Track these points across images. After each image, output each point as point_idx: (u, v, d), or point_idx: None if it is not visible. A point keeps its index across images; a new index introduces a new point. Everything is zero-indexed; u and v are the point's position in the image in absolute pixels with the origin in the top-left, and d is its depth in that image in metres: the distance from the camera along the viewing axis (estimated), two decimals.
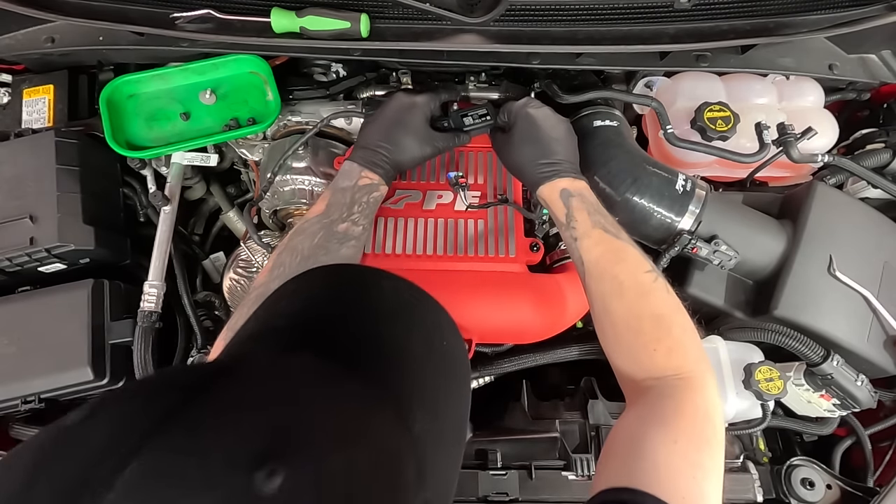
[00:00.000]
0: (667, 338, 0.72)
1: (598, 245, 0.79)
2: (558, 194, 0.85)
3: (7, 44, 1.10)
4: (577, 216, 0.82)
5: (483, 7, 0.94)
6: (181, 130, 1.07)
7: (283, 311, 0.50)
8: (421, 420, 0.42)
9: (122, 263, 1.13)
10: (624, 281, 0.76)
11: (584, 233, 0.81)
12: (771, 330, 0.91)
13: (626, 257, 0.78)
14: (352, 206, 0.86)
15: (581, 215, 0.82)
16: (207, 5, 0.96)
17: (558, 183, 0.85)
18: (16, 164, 1.04)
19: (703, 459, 0.62)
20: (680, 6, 0.95)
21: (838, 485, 0.95)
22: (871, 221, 1.02)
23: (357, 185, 0.88)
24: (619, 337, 0.75)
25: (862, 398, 0.90)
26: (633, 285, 0.76)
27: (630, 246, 0.79)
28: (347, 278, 0.54)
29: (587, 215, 0.82)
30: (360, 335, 0.46)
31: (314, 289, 0.52)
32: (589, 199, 0.84)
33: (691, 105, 1.04)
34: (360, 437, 0.38)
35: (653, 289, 0.76)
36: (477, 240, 0.97)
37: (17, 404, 0.97)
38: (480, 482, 0.92)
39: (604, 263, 0.78)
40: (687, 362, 0.70)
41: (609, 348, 0.77)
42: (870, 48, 1.11)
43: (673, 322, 0.74)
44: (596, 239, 0.80)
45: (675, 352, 0.71)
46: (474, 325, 0.94)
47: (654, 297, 0.75)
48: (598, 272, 0.78)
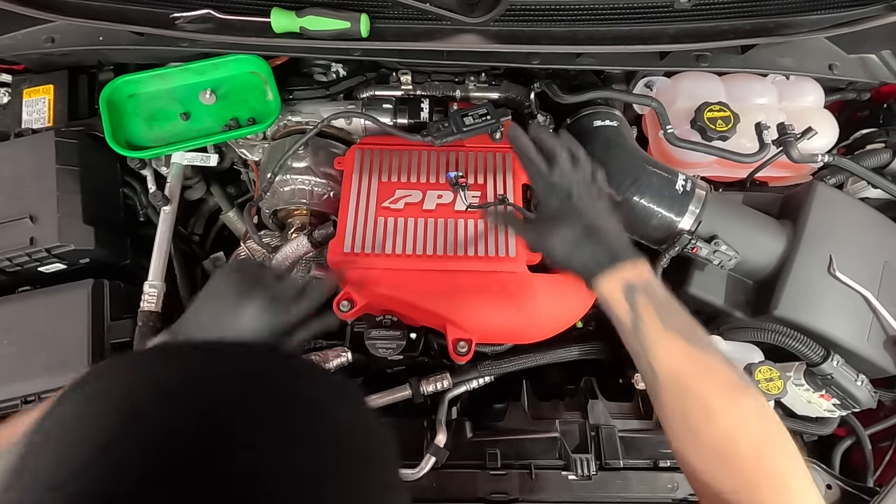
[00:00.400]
0: (772, 477, 0.59)
1: (674, 356, 0.66)
2: (621, 290, 0.70)
3: (7, 44, 1.10)
4: (645, 317, 0.68)
5: (483, 7, 0.94)
6: (181, 130, 1.07)
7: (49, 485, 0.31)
8: None
9: (122, 263, 1.13)
10: (712, 403, 0.63)
11: (655, 340, 0.67)
12: (771, 330, 0.91)
13: (711, 373, 0.65)
14: None
15: (649, 315, 0.68)
16: (207, 5, 0.96)
17: (619, 274, 0.71)
18: (16, 164, 1.04)
19: None
20: (680, 6, 0.95)
21: (838, 485, 0.95)
22: (871, 221, 1.02)
23: None
24: (708, 470, 0.62)
25: (862, 398, 0.90)
26: (723, 408, 0.62)
27: (712, 354, 0.66)
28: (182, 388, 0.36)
29: (656, 316, 0.67)
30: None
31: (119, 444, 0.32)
32: (657, 294, 0.69)
33: (691, 105, 1.04)
34: None
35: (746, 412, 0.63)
36: (477, 240, 0.97)
37: (17, 404, 0.97)
38: (480, 482, 0.92)
39: (684, 378, 0.65)
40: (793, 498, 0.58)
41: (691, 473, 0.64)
42: (870, 48, 1.11)
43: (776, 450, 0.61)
44: (670, 348, 0.66)
45: (782, 493, 0.59)
46: (474, 325, 0.94)
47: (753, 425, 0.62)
48: (676, 388, 0.65)
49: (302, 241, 1.01)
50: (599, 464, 0.94)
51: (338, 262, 0.95)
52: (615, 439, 0.96)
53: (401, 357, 0.98)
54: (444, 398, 0.98)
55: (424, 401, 1.00)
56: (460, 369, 0.99)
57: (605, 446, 0.95)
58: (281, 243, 1.04)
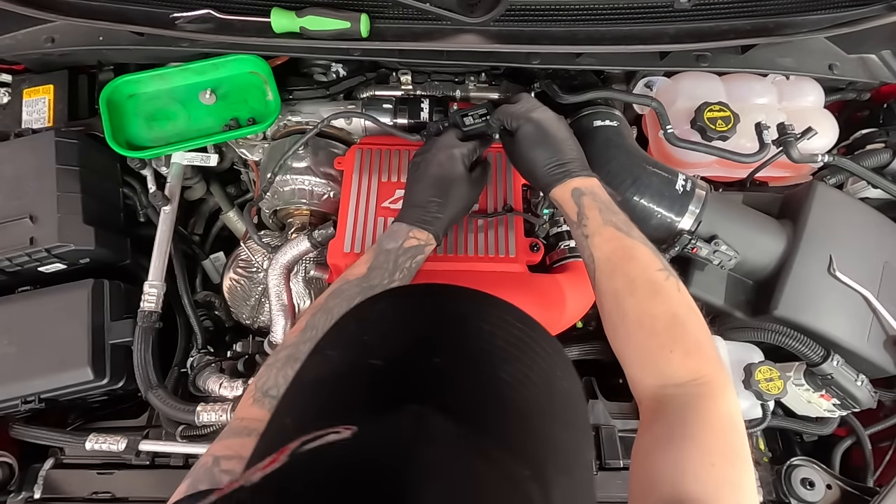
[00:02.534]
0: (683, 338, 0.69)
1: (609, 242, 0.77)
2: (570, 194, 0.83)
3: (7, 44, 1.10)
4: (589, 214, 0.80)
5: (483, 7, 0.94)
6: (181, 130, 1.07)
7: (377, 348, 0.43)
8: (557, 483, 0.38)
9: (122, 263, 1.13)
10: (636, 278, 0.74)
11: (595, 230, 0.79)
12: (771, 330, 0.91)
13: (638, 255, 0.76)
14: (394, 271, 0.82)
15: (592, 213, 0.80)
16: (207, 5, 0.96)
17: (570, 183, 0.84)
18: (16, 164, 1.04)
19: (741, 477, 0.59)
20: (680, 6, 0.95)
21: (838, 485, 0.95)
22: (871, 221, 1.02)
23: (402, 248, 0.84)
24: (631, 337, 0.72)
25: (862, 398, 0.90)
26: (645, 282, 0.73)
27: (642, 244, 0.77)
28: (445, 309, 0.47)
29: (598, 213, 0.80)
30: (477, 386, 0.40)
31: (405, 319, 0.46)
32: (601, 197, 0.82)
33: (691, 105, 1.04)
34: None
35: (665, 287, 0.73)
36: (477, 240, 0.97)
37: (17, 404, 0.97)
38: None
39: (615, 260, 0.76)
40: (706, 365, 0.67)
41: (621, 350, 0.73)
42: (870, 48, 1.11)
43: (688, 321, 0.70)
44: (607, 236, 0.78)
45: (693, 354, 0.67)
46: None
47: (667, 296, 0.72)
48: (609, 269, 0.76)
49: (302, 241, 1.01)
50: (599, 464, 0.94)
51: (338, 262, 0.95)
52: (615, 439, 0.96)
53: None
54: None
55: None
56: None
57: (605, 446, 0.95)
58: (281, 243, 1.04)
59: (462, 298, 0.48)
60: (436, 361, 0.41)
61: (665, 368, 0.67)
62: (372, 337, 0.45)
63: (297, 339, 0.76)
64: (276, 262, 1.01)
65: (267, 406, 0.68)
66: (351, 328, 0.48)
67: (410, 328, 0.45)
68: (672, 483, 0.57)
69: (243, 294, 1.14)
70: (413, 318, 0.47)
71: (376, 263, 0.82)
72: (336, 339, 0.46)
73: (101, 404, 1.09)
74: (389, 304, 0.50)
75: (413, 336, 0.44)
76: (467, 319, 0.45)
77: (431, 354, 0.41)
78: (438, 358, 0.41)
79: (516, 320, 0.46)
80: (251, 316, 1.15)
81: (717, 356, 0.69)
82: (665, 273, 0.74)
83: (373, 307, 0.49)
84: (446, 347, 0.42)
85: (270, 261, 1.02)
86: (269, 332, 1.03)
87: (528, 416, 0.40)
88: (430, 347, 0.42)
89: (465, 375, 0.41)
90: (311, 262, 1.09)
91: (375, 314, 0.48)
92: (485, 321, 0.45)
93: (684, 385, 0.65)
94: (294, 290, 1.06)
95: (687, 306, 0.72)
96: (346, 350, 0.45)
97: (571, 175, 0.84)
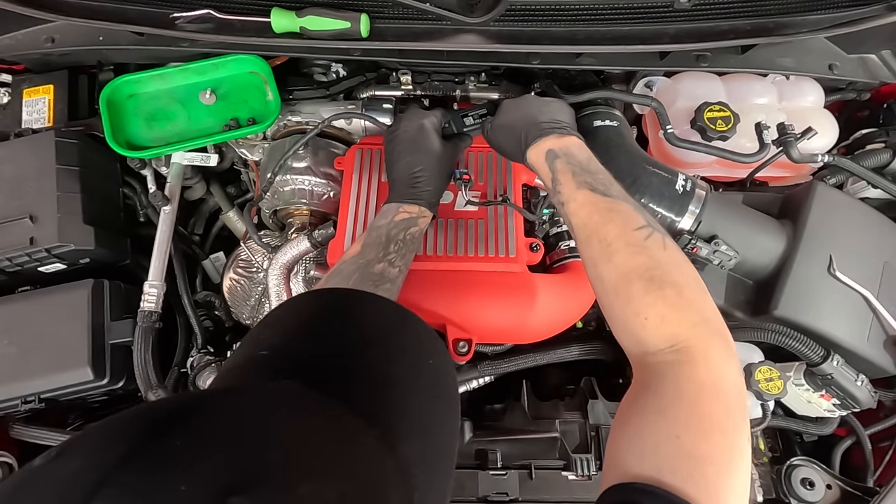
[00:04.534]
0: (658, 303, 0.62)
1: (583, 206, 0.72)
2: (543, 157, 0.78)
3: (7, 44, 1.10)
4: (562, 178, 0.75)
5: (483, 7, 0.94)
6: (181, 130, 1.07)
7: (267, 341, 0.50)
8: (408, 442, 0.42)
9: (122, 263, 1.13)
10: (612, 242, 0.68)
11: (569, 196, 0.74)
12: (771, 330, 0.91)
13: (615, 216, 0.70)
14: (388, 244, 0.81)
15: (565, 177, 0.75)
16: (207, 5, 0.96)
17: (543, 143, 0.79)
18: (16, 164, 1.04)
19: (714, 450, 0.52)
20: (680, 6, 0.95)
21: (838, 485, 0.95)
22: (871, 221, 1.02)
23: (393, 222, 0.83)
24: (611, 305, 0.67)
25: (862, 398, 0.90)
26: (622, 246, 0.67)
27: (621, 202, 0.71)
28: (331, 304, 0.54)
29: (571, 176, 0.75)
30: (344, 362, 0.47)
31: (299, 316, 0.53)
32: (576, 157, 0.77)
33: (691, 105, 1.04)
34: (338, 464, 0.37)
35: (644, 247, 0.66)
36: (477, 240, 0.97)
37: (17, 404, 0.97)
38: (480, 482, 0.92)
39: (592, 225, 0.70)
40: (682, 329, 0.60)
41: (608, 320, 0.69)
42: (870, 48, 1.11)
43: (665, 282, 0.63)
44: (581, 200, 0.73)
45: (667, 319, 0.61)
46: (474, 325, 0.94)
47: (647, 257, 0.65)
48: (585, 235, 0.71)
49: (302, 241, 1.01)
50: (599, 464, 0.94)
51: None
52: None
53: None
54: None
55: None
56: (460, 369, 0.99)
57: (606, 446, 0.95)
58: (281, 243, 1.04)
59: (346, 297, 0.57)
60: (311, 348, 0.49)
61: (641, 336, 0.62)
62: (264, 333, 0.53)
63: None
64: (276, 262, 1.01)
65: None
66: (254, 331, 0.56)
67: (295, 323, 0.53)
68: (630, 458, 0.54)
69: (243, 294, 1.14)
70: (298, 315, 0.54)
71: (369, 241, 0.82)
72: (243, 341, 0.54)
73: (101, 404, 1.09)
74: (286, 304, 0.57)
75: (295, 330, 0.52)
76: (344, 312, 0.53)
77: (309, 342, 0.49)
78: (314, 344, 0.49)
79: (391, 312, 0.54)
80: (251, 316, 1.15)
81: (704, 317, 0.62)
82: (646, 230, 0.68)
83: (274, 311, 0.56)
84: (323, 336, 0.50)
85: (270, 261, 1.02)
86: None
87: (389, 387, 0.47)
88: (308, 337, 0.50)
89: (333, 357, 0.48)
90: (311, 262, 1.09)
91: (273, 316, 0.56)
92: (359, 313, 0.53)
93: (660, 352, 0.61)
94: (294, 290, 1.06)
95: (667, 265, 0.65)
96: (245, 346, 0.54)
97: (544, 134, 0.80)
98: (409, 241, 0.83)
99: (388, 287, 0.78)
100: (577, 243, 0.73)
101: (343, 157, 1.06)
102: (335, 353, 0.48)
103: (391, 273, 0.79)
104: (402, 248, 0.82)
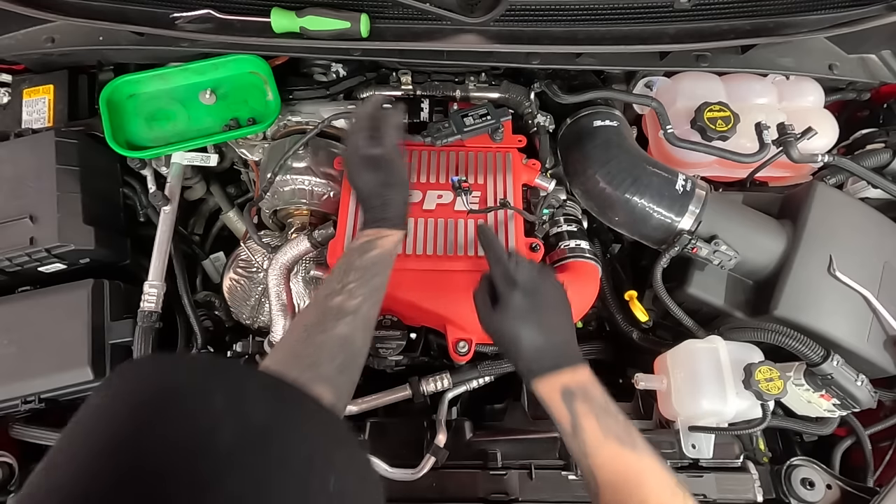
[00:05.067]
0: None
1: (612, 462, 0.68)
2: (559, 394, 0.72)
3: (7, 44, 1.10)
4: (585, 425, 0.70)
5: (483, 7, 0.94)
6: (181, 130, 1.07)
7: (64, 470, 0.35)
8: None
9: (122, 263, 1.13)
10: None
11: (594, 447, 0.69)
12: (771, 330, 0.91)
13: (648, 479, 0.67)
14: (346, 273, 0.76)
15: (589, 423, 0.70)
16: (207, 5, 0.96)
17: (558, 378, 0.73)
18: (16, 164, 1.04)
19: None
20: (680, 6, 0.95)
21: (838, 485, 0.95)
22: (871, 221, 1.02)
23: (351, 248, 0.79)
24: None
25: (862, 398, 0.90)
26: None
27: (650, 460, 0.68)
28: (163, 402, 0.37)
29: (595, 422, 0.70)
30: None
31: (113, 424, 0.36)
32: (595, 398, 0.72)
33: (691, 105, 1.04)
34: None
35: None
36: (477, 240, 0.97)
37: (17, 404, 0.97)
38: (480, 482, 0.92)
39: (621, 485, 0.67)
40: None
41: None
42: (870, 48, 1.11)
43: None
44: (609, 455, 0.68)
45: None
46: (474, 325, 0.94)
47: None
48: (613, 497, 0.66)
49: (302, 241, 1.01)
50: None
51: None
52: None
53: (401, 357, 0.98)
54: (444, 398, 0.98)
55: (424, 401, 1.00)
56: (460, 369, 0.99)
57: None
58: (281, 243, 1.04)
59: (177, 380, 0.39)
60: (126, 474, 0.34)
61: None
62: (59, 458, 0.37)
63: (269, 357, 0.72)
64: (276, 262, 1.01)
65: None
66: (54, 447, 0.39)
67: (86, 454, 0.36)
68: None
69: (243, 294, 1.14)
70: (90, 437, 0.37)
71: (330, 273, 0.79)
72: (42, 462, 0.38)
73: None
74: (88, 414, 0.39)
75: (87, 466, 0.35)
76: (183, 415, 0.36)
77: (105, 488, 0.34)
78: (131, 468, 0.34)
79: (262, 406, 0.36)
80: (251, 316, 1.15)
81: None
82: (683, 494, 0.66)
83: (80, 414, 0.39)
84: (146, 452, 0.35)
85: (270, 261, 1.02)
86: (269, 332, 1.03)
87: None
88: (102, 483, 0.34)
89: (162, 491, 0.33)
90: (311, 262, 1.09)
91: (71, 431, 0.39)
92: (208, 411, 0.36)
93: None
94: (294, 290, 1.06)
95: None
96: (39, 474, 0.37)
97: (559, 367, 0.74)
98: (369, 266, 0.78)
99: (348, 320, 0.72)
100: (602, 497, 0.67)
101: (342, 157, 1.06)
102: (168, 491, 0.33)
103: (350, 305, 0.73)
104: (364, 274, 0.76)
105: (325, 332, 0.71)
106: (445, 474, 0.92)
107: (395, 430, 0.98)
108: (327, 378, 0.68)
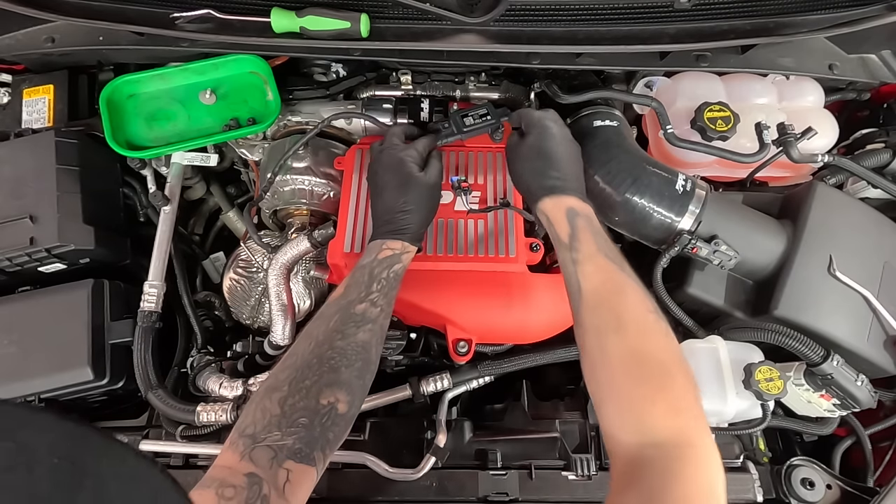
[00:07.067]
0: (670, 391, 0.62)
1: (600, 272, 0.72)
2: (564, 212, 0.78)
3: (7, 44, 1.10)
4: (582, 237, 0.75)
5: (483, 7, 0.94)
6: (181, 130, 1.07)
7: None
8: None
9: (122, 263, 1.13)
10: (624, 315, 0.68)
11: (586, 256, 0.73)
12: (771, 330, 0.91)
13: (629, 292, 0.70)
14: (371, 283, 0.79)
15: (586, 236, 0.75)
16: (207, 5, 0.96)
17: (565, 200, 0.79)
18: (16, 164, 1.04)
19: None
20: (680, 6, 0.95)
21: (838, 485, 0.95)
22: (871, 221, 1.02)
23: (377, 260, 0.81)
24: (614, 381, 0.65)
25: (862, 398, 0.90)
26: (634, 321, 0.67)
27: (633, 281, 0.72)
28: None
29: (592, 238, 0.75)
30: None
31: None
32: (595, 224, 0.78)
33: (691, 105, 1.04)
34: None
35: (655, 329, 0.67)
36: (477, 240, 0.97)
37: None
38: (480, 482, 0.92)
39: (603, 293, 0.70)
40: (690, 424, 0.61)
41: (599, 397, 0.67)
42: (870, 48, 1.11)
43: (677, 372, 0.64)
44: (599, 265, 0.72)
45: (678, 410, 0.61)
46: (474, 325, 0.94)
47: (657, 340, 0.66)
48: (595, 302, 0.70)
49: (302, 241, 1.01)
50: (599, 464, 0.94)
51: (338, 262, 0.95)
52: None
53: (401, 357, 0.98)
54: (444, 398, 0.98)
55: (424, 401, 1.00)
56: (460, 369, 0.99)
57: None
58: (281, 243, 1.04)
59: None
60: None
61: (647, 422, 0.61)
62: None
63: (277, 368, 0.73)
64: (276, 262, 1.01)
65: (241, 448, 0.63)
66: None
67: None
68: None
69: (243, 294, 1.14)
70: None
71: (352, 281, 0.80)
72: None
73: (101, 404, 1.09)
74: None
75: None
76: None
77: None
78: None
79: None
80: (251, 316, 1.15)
81: (704, 417, 0.63)
82: (655, 315, 0.69)
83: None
84: None
85: (270, 261, 1.02)
86: (269, 332, 1.03)
87: None
88: None
89: None
90: (311, 262, 1.09)
91: None
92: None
93: (665, 445, 0.59)
94: (294, 290, 1.06)
95: (676, 355, 0.66)
96: None
97: (566, 192, 0.80)
98: (392, 279, 0.81)
99: (370, 328, 0.75)
100: (583, 306, 0.71)
101: (343, 157, 1.06)
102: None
103: (372, 313, 0.77)
104: (386, 286, 0.79)
105: (345, 337, 0.74)
106: (445, 474, 0.92)
107: (395, 430, 0.98)
108: (346, 382, 0.70)
